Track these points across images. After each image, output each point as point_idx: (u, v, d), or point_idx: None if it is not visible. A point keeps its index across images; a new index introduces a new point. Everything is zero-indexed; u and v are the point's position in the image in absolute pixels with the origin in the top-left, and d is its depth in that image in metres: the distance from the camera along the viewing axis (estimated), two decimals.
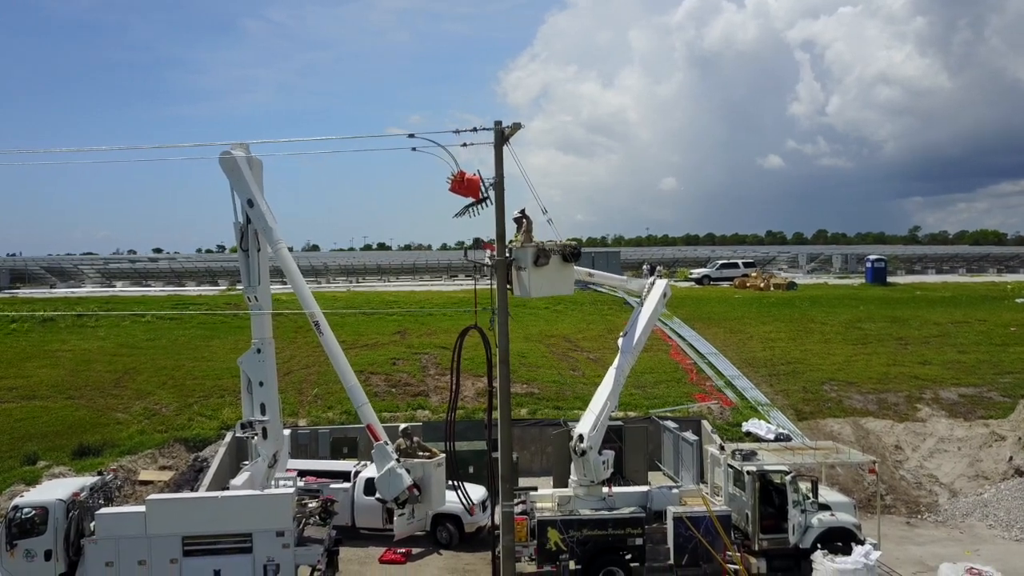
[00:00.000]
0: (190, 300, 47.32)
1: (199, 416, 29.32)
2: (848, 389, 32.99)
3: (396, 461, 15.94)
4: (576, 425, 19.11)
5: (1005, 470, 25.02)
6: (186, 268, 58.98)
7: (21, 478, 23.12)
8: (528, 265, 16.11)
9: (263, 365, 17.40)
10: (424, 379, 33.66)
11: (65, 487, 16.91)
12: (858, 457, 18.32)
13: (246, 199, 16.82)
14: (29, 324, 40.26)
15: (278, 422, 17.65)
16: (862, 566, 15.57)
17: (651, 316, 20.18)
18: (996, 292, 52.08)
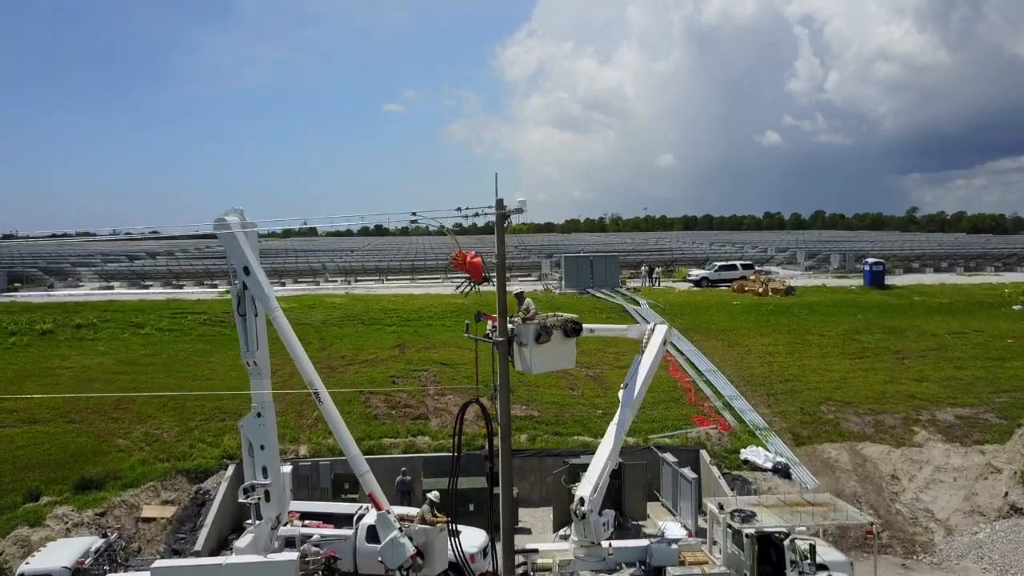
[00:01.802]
0: (189, 308, 47.32)
1: (200, 443, 29.42)
2: (845, 410, 33.19)
3: (399, 531, 16.08)
4: (576, 487, 19.25)
5: (1000, 506, 25.29)
6: (184, 269, 58.90)
7: (25, 519, 23.22)
8: (530, 342, 16.14)
9: (263, 429, 17.48)
10: (424, 399, 33.76)
11: (70, 551, 17.06)
12: (856, 518, 18.49)
13: (242, 267, 16.80)
14: (28, 338, 40.29)
15: (280, 484, 17.76)
16: None
17: (652, 365, 20.25)
18: (993, 298, 52.26)
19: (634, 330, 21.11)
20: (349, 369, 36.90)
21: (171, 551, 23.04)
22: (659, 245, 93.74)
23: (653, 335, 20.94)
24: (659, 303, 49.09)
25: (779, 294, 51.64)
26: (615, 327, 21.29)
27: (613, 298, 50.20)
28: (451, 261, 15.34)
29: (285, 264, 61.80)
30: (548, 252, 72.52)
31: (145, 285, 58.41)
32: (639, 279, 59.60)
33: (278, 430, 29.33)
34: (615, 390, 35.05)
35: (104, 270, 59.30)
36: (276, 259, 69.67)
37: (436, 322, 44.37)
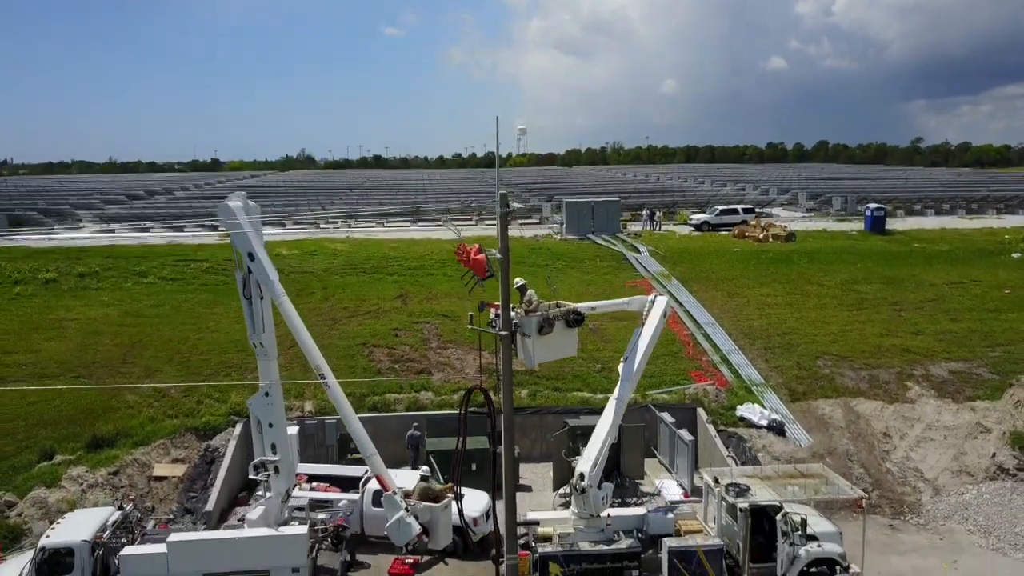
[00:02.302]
0: (191, 254, 47.40)
1: (207, 399, 29.97)
2: (841, 364, 33.71)
3: (405, 510, 16.67)
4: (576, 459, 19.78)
5: (988, 466, 25.98)
6: (183, 212, 58.79)
7: (41, 480, 23.90)
8: (533, 333, 16.37)
9: (272, 408, 17.89)
10: (426, 353, 34.23)
11: (88, 523, 17.69)
12: (846, 492, 19.09)
13: (247, 252, 16.92)
14: (32, 287, 40.56)
15: (289, 460, 18.29)
16: None
17: (652, 338, 20.56)
18: (993, 245, 52.35)
19: (635, 302, 21.34)
20: (352, 321, 37.30)
21: (183, 510, 23.83)
22: (660, 184, 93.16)
23: (653, 307, 21.19)
24: (659, 250, 49.20)
25: (779, 240, 51.72)
26: (616, 302, 21.50)
27: (614, 245, 50.28)
28: (455, 253, 15.47)
29: (286, 207, 61.65)
30: (549, 194, 72.18)
31: (146, 228, 58.43)
32: (640, 223, 59.55)
33: (284, 386, 30.01)
34: (615, 343, 35.78)
35: (104, 213, 59.20)
36: (276, 199, 69.45)
37: (438, 271, 44.56)
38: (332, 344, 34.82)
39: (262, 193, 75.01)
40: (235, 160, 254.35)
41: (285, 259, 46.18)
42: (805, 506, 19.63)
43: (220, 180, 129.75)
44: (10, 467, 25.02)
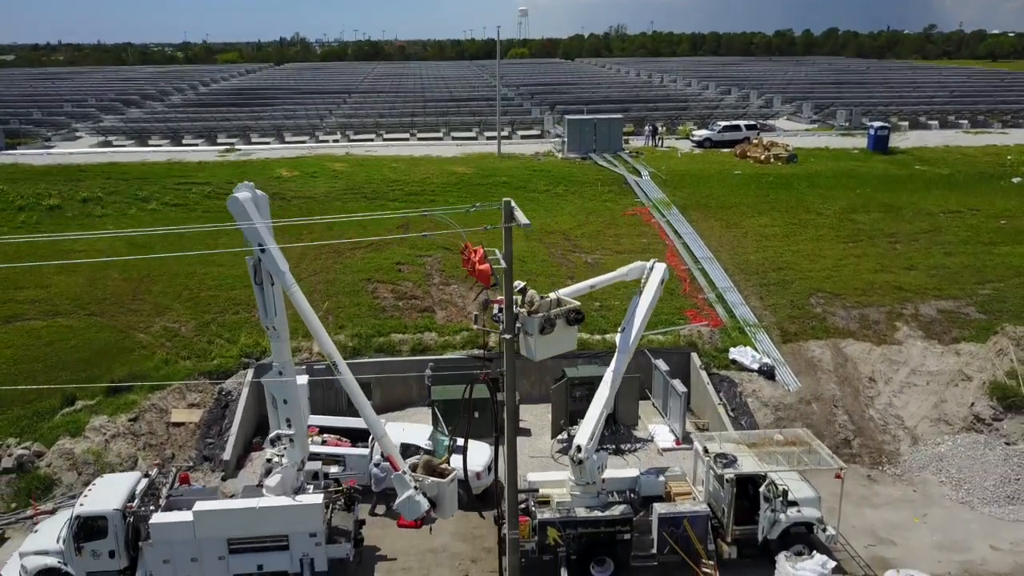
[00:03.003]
0: (192, 175, 47.32)
1: (218, 339, 30.94)
2: (833, 303, 34.56)
3: (414, 489, 17.82)
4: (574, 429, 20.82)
5: (966, 416, 27.23)
6: (182, 125, 58.07)
7: (65, 429, 25.11)
8: (535, 333, 17.02)
9: (286, 386, 18.79)
10: (429, 290, 34.98)
11: (118, 491, 18.90)
12: (827, 462, 20.26)
13: (257, 244, 17.36)
14: (37, 215, 40.88)
15: (303, 433, 19.34)
16: (817, 574, 18.08)
17: (650, 305, 21.21)
18: (994, 167, 52.21)
19: (633, 271, 21.85)
20: (356, 254, 37.88)
21: (202, 457, 25.21)
22: (664, 89, 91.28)
23: (651, 275, 21.73)
24: (660, 172, 49.14)
25: (781, 161, 51.57)
26: (614, 274, 21.94)
27: (615, 167, 50.17)
28: (460, 252, 15.98)
29: (285, 121, 60.87)
30: (551, 102, 71.05)
31: (145, 144, 57.98)
32: (642, 138, 59.09)
33: (291, 324, 31.02)
34: None
35: (102, 126, 58.52)
36: (274, 106, 68.43)
37: (439, 198, 44.73)
38: (337, 279, 35.63)
39: (258, 98, 73.73)
40: (226, 43, 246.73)
41: (286, 183, 46.27)
42: (791, 472, 20.86)
43: (214, 77, 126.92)
44: (34, 413, 26.25)
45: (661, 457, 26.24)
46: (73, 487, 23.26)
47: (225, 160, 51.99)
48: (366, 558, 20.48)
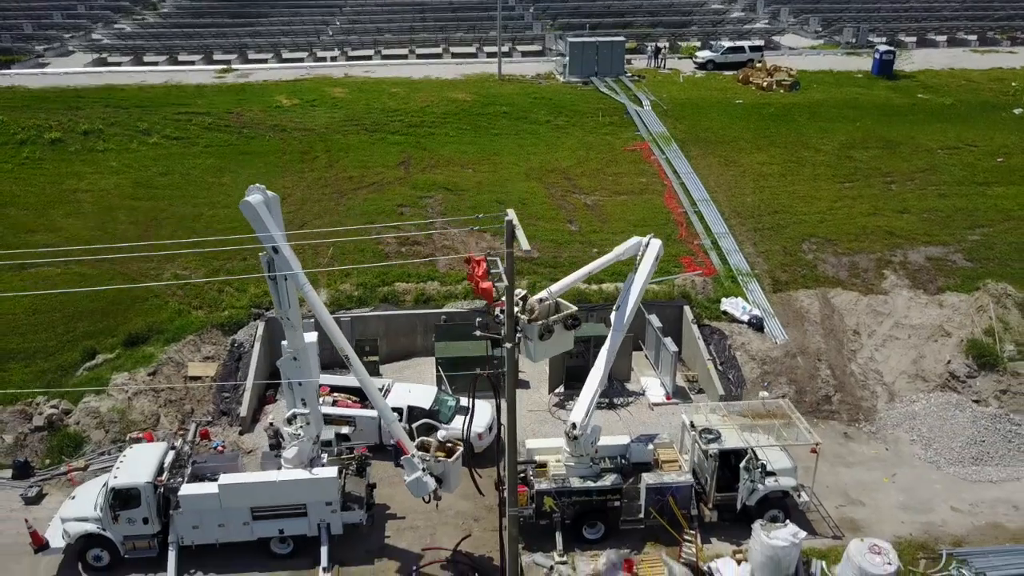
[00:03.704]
0: (191, 102, 47.03)
1: (228, 287, 31.99)
2: (825, 249, 35.48)
3: (422, 471, 19.30)
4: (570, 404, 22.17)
5: (942, 373, 28.68)
6: (178, 43, 56.97)
7: (89, 385, 26.53)
8: (534, 339, 18.01)
9: (300, 369, 19.99)
10: (431, 235, 35.74)
11: (148, 463, 20.41)
12: (804, 438, 21.74)
13: (271, 246, 18.13)
14: (40, 150, 41.06)
15: (317, 411, 20.69)
16: (789, 543, 19.82)
17: (645, 281, 22.14)
18: (998, 96, 51.85)
19: (630, 249, 22.57)
20: (357, 195, 38.43)
21: (219, 412, 26.77)
22: None
23: (647, 252, 22.54)
24: (661, 101, 48.86)
25: (783, 89, 51.18)
26: (610, 256, 22.58)
27: (616, 94, 49.83)
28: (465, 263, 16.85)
29: (282, 38, 59.66)
30: (552, 13, 69.29)
31: (139, 58, 57.11)
32: (645, 57, 58.21)
33: None
34: (612, 222, 37.40)
35: (96, 43, 57.40)
36: (269, 21, 66.88)
37: (438, 130, 44.77)
38: (341, 223, 36.25)
39: (252, 5, 71.80)
40: None
41: (287, 112, 46.15)
42: (771, 443, 22.42)
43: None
44: (58, 367, 27.62)
45: (652, 412, 27.83)
46: (102, 444, 24.91)
47: (223, 83, 51.47)
48: (377, 517, 22.30)
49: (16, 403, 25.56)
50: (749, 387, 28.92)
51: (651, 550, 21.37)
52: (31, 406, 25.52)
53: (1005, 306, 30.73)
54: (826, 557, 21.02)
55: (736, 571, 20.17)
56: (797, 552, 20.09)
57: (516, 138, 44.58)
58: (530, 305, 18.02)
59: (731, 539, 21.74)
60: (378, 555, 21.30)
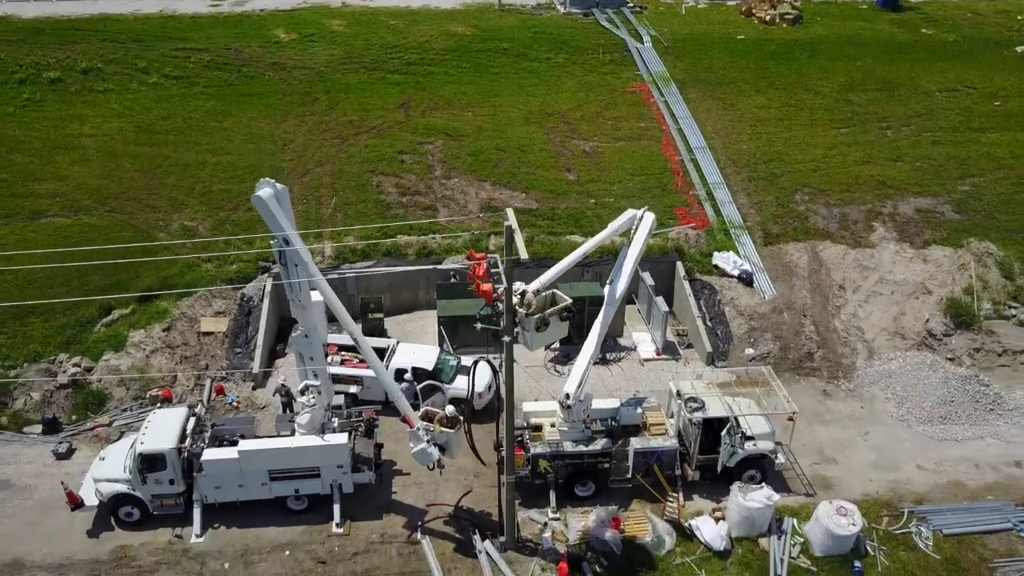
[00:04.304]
0: (187, 36, 46.53)
1: (235, 239, 32.91)
2: (817, 200, 36.33)
3: (427, 443, 20.80)
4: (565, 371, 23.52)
5: (920, 331, 30.03)
6: None
7: (108, 344, 27.85)
8: (531, 330, 19.13)
9: (311, 346, 21.26)
10: (431, 183, 36.41)
11: (171, 428, 21.92)
12: (783, 407, 23.24)
13: (282, 238, 19.06)
14: (40, 90, 41.07)
15: (328, 383, 22.10)
16: (764, 505, 21.61)
17: (638, 255, 23.13)
18: (1003, 32, 51.38)
19: (624, 223, 23.44)
20: (358, 141, 38.84)
21: (232, 367, 28.24)
22: None
23: (641, 226, 23.46)
24: (662, 36, 48.42)
25: (786, 23, 50.65)
26: (605, 232, 23.42)
27: (617, 28, 49.34)
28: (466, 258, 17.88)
29: None
30: None
31: None
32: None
33: (301, 223, 33.00)
34: (610, 170, 38.09)
35: None
36: None
37: (438, 68, 44.62)
38: (343, 171, 36.93)
39: None
40: None
41: (285, 49, 45.82)
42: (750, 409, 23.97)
43: None
44: (76, 323, 28.89)
45: (642, 368, 29.32)
46: (124, 400, 26.46)
47: (219, 14, 50.70)
48: (384, 473, 24.06)
49: (40, 361, 26.94)
50: (736, 343, 30.39)
51: (637, 507, 23.21)
52: (55, 364, 26.92)
53: (986, 265, 31.86)
54: (798, 515, 22.88)
55: (714, 529, 22.03)
56: (770, 512, 21.94)
57: (516, 78, 44.52)
58: (528, 300, 19.10)
59: (712, 496, 23.55)
60: (386, 510, 23.12)
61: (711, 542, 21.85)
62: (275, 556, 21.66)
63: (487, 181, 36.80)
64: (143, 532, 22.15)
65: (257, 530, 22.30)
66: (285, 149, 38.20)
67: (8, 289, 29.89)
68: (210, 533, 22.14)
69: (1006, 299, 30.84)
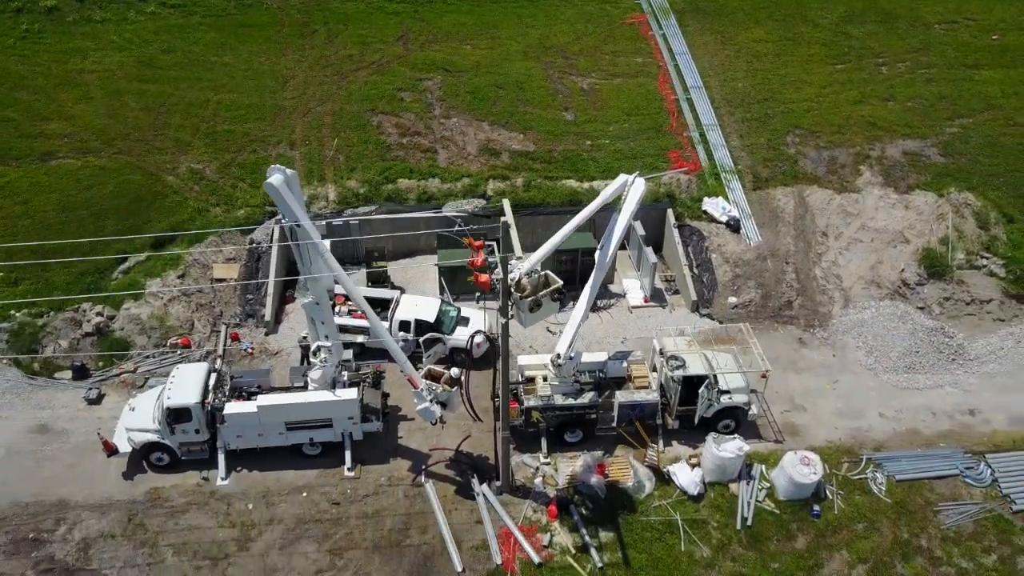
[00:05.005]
0: None
1: (241, 183, 33.97)
2: (807, 142, 37.21)
3: (429, 402, 22.73)
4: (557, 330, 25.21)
5: (895, 280, 31.63)
6: None
7: (128, 292, 29.46)
8: (525, 311, 20.68)
9: (322, 312, 22.93)
10: (430, 124, 37.15)
11: (195, 383, 23.84)
12: (757, 364, 25.15)
13: (294, 222, 20.39)
14: (38, 21, 41.05)
15: (338, 343, 23.89)
16: (735, 455, 23.84)
17: (628, 219, 24.54)
18: None
19: (616, 190, 24.61)
20: (358, 77, 39.29)
21: (245, 314, 30.00)
22: None
23: (631, 192, 24.72)
24: None
25: None
26: (597, 201, 24.44)
27: None
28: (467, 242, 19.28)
29: None
30: None
31: None
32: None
33: (304, 165, 34.20)
34: (607, 110, 38.87)
35: None
36: None
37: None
38: (343, 110, 37.61)
39: None
40: None
41: None
42: (728, 358, 25.94)
43: None
44: (95, 269, 30.35)
45: (631, 314, 31.12)
46: (145, 348, 28.34)
47: None
48: (391, 419, 26.24)
49: (65, 310, 28.64)
50: (720, 290, 32.08)
51: (621, 453, 25.51)
52: (78, 312, 28.63)
53: (963, 215, 33.17)
54: (766, 461, 25.19)
55: (690, 475, 24.37)
56: (741, 462, 24.24)
57: (515, 7, 44.36)
58: (523, 285, 20.59)
59: (690, 443, 25.80)
60: (393, 455, 25.40)
61: (686, 487, 24.22)
62: (293, 497, 24.05)
63: (485, 121, 37.54)
64: (173, 475, 24.47)
65: (276, 473, 24.63)
66: (286, 86, 38.71)
67: (27, 234, 31.16)
68: (234, 476, 24.49)
69: (979, 249, 32.28)
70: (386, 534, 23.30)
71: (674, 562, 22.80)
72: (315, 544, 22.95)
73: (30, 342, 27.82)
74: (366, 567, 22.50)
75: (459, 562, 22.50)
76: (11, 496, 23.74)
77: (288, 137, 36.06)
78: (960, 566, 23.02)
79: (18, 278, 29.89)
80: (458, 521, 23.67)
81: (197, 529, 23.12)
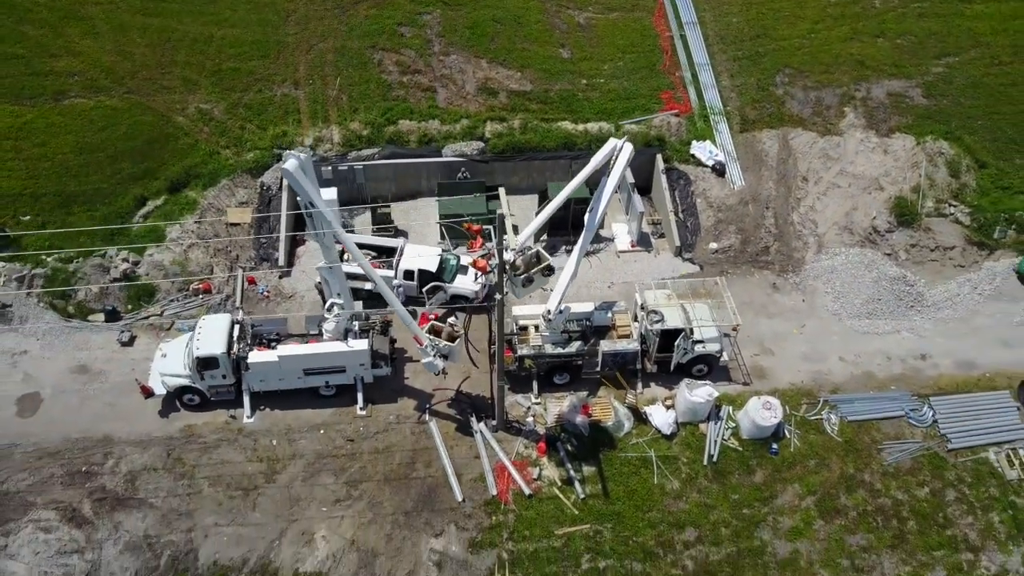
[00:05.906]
0: None
1: (249, 124, 35.41)
2: (796, 82, 38.41)
3: (433, 356, 25.26)
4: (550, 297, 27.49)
5: (867, 227, 33.69)
6: None
7: (149, 238, 31.40)
8: (519, 286, 22.87)
9: (335, 276, 25.19)
10: (430, 61, 38.15)
11: (220, 333, 26.34)
12: (729, 318, 27.64)
13: (308, 202, 22.30)
14: None
15: (350, 301, 26.24)
16: (705, 400, 26.72)
17: (615, 185, 26.53)
18: None
19: (605, 155, 26.38)
20: (358, 11, 39.91)
21: (260, 258, 32.23)
22: None
23: (620, 156, 26.56)
24: None
25: None
26: (588, 168, 26.06)
27: None
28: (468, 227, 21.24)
29: None
30: None
31: None
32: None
33: (309, 105, 35.56)
34: (602, 47, 39.91)
35: None
36: None
37: None
38: (345, 47, 38.51)
39: None
40: None
41: None
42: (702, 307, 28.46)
43: None
44: (116, 214, 32.23)
45: (618, 259, 33.39)
46: (170, 292, 30.68)
47: None
48: (398, 361, 29.01)
49: (93, 255, 30.81)
50: (703, 235, 34.24)
51: (604, 394, 28.44)
52: (105, 258, 30.82)
53: (936, 164, 34.88)
54: (734, 402, 28.16)
55: (664, 416, 27.38)
56: (710, 406, 27.20)
57: None
58: (516, 263, 22.75)
59: (665, 385, 28.65)
60: (400, 394, 28.29)
61: (661, 427, 27.27)
62: (312, 434, 27.11)
63: (483, 58, 38.52)
64: (204, 414, 27.43)
65: (296, 412, 27.60)
66: (287, 21, 39.37)
67: (48, 176, 32.95)
68: (258, 415, 27.46)
69: (948, 197, 34.22)
70: (395, 468, 26.49)
71: (647, 493, 26.09)
72: (333, 476, 26.16)
73: (63, 286, 30.16)
74: (378, 497, 25.78)
75: (460, 493, 25.75)
76: (62, 432, 26.73)
77: (292, 76, 37.16)
78: (896, 497, 26.35)
79: (45, 221, 31.86)
80: (458, 456, 26.81)
81: (228, 463, 26.26)
